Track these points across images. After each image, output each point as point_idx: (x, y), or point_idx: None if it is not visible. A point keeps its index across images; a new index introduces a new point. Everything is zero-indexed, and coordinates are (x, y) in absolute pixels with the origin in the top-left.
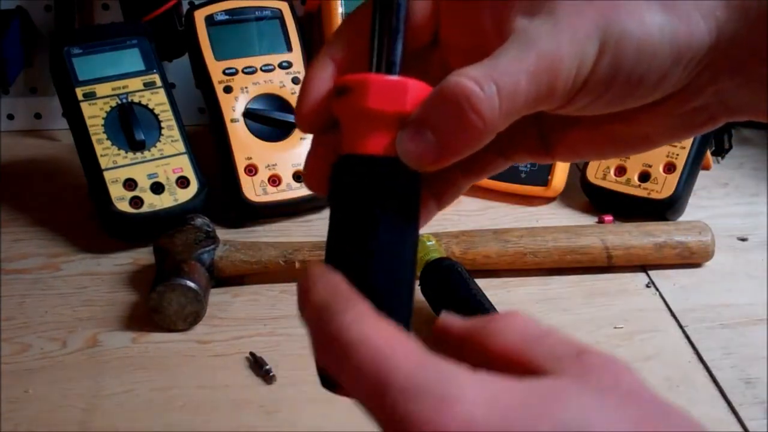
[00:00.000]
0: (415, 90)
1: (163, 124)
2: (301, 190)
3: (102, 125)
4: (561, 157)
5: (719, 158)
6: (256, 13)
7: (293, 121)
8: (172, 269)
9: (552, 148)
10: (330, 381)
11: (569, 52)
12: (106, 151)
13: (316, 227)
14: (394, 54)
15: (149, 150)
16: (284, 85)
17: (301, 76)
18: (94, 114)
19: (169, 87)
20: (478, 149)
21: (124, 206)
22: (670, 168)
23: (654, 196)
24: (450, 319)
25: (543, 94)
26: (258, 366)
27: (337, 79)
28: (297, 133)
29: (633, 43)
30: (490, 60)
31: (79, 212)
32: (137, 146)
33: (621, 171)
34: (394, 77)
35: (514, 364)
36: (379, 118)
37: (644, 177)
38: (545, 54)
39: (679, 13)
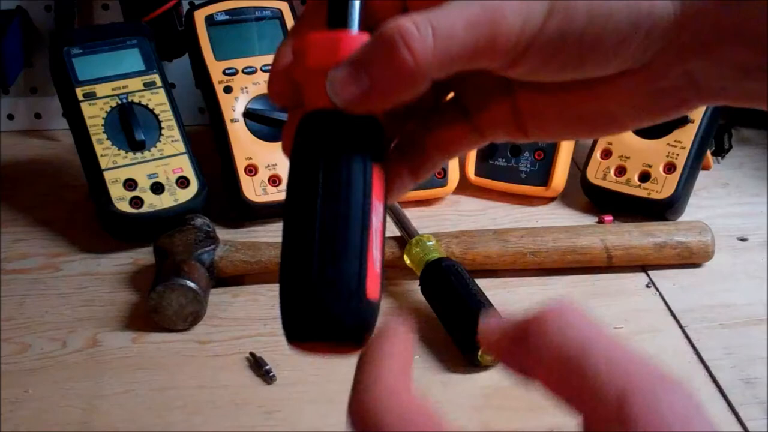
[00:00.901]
0: (356, 42)
1: (163, 124)
2: None
3: (102, 125)
4: (533, 134)
5: (719, 158)
6: (256, 13)
7: None
8: (172, 269)
9: (524, 125)
10: (298, 333)
11: (514, 7)
12: (106, 151)
13: None
14: (348, 10)
15: (149, 150)
16: None
17: None
18: (94, 114)
19: (169, 87)
20: (412, 96)
21: (124, 206)
22: (670, 168)
23: (654, 196)
24: (490, 330)
25: (482, 45)
26: (258, 366)
27: None
28: None
29: (585, 4)
30: (435, 8)
31: (79, 212)
32: (137, 146)
33: (621, 171)
34: (331, 32)
35: (565, 370)
36: (319, 74)
37: (644, 177)
38: (489, 6)
39: None
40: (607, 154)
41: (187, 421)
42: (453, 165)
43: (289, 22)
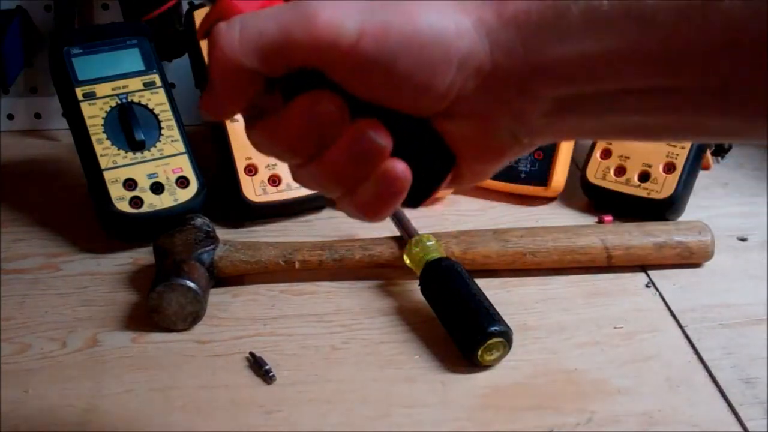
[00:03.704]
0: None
1: (163, 124)
2: (301, 190)
3: (102, 125)
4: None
5: (719, 158)
6: None
7: None
8: (172, 269)
9: None
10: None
11: (326, 17)
12: (106, 151)
13: (316, 227)
14: None
15: (149, 150)
16: None
17: None
18: (94, 114)
19: (169, 87)
20: (240, 85)
21: (123, 206)
22: (670, 168)
23: (654, 196)
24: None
25: (295, 42)
26: (258, 366)
27: None
28: None
29: (397, 34)
30: (256, 11)
31: (79, 212)
32: (137, 146)
33: (621, 171)
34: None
35: None
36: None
37: (644, 177)
38: (303, 13)
39: (448, 11)
40: (606, 154)
41: (187, 421)
42: None
43: None
